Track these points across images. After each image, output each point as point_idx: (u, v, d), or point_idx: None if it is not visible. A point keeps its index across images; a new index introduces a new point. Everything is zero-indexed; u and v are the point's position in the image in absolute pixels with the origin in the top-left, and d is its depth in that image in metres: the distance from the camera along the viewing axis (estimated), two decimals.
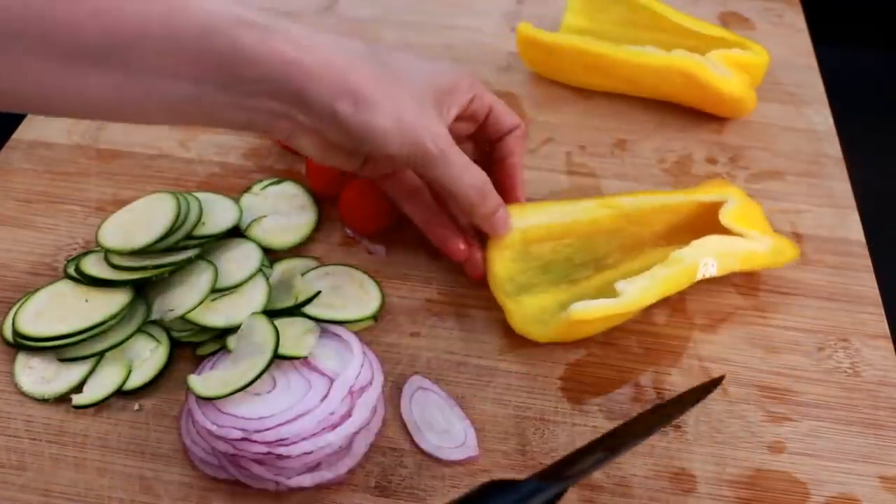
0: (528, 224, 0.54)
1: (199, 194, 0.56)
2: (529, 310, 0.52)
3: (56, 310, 0.50)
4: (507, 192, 0.54)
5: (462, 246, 0.53)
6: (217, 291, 0.51)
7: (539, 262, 0.54)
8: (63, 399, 0.48)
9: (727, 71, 0.64)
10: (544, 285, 0.53)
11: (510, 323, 0.51)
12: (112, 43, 0.39)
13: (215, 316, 0.50)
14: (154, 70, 0.41)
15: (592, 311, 0.48)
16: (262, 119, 0.45)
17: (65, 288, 0.51)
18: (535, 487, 0.36)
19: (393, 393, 0.49)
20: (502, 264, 0.53)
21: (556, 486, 0.37)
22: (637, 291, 0.49)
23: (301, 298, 0.51)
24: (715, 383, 0.48)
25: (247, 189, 0.59)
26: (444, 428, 0.47)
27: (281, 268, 0.55)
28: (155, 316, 0.50)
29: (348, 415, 0.45)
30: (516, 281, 0.53)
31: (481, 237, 0.54)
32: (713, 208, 0.54)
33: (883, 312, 0.54)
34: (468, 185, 0.49)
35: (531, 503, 0.36)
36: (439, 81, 0.49)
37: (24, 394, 0.48)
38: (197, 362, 0.49)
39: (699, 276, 0.51)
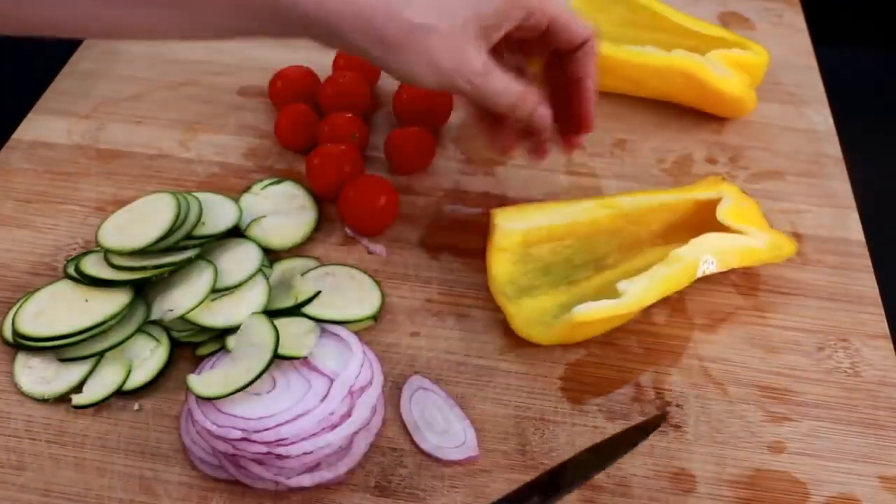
0: (528, 226, 0.54)
1: (198, 194, 0.56)
2: (530, 312, 0.52)
3: (56, 310, 0.50)
4: (577, 119, 0.53)
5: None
6: (217, 291, 0.51)
7: (539, 263, 0.54)
8: (63, 399, 0.48)
9: (727, 71, 0.64)
10: (544, 287, 0.53)
11: (512, 326, 0.51)
12: None
13: (215, 316, 0.50)
14: (209, 10, 0.44)
15: (595, 313, 0.48)
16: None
17: (65, 288, 0.51)
18: None
19: (393, 393, 0.49)
20: (502, 267, 0.53)
21: None
22: (639, 291, 0.49)
23: (301, 298, 0.51)
24: (656, 422, 0.48)
25: (247, 189, 0.59)
26: (444, 428, 0.47)
27: (281, 268, 0.55)
28: (155, 316, 0.50)
29: (348, 415, 0.45)
30: (517, 283, 0.53)
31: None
32: (710, 206, 0.54)
33: (883, 312, 0.54)
34: (504, 105, 0.49)
35: None
36: (485, 6, 0.47)
37: (23, 394, 0.48)
38: (197, 362, 0.49)
39: (699, 274, 0.51)
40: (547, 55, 0.54)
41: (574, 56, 0.52)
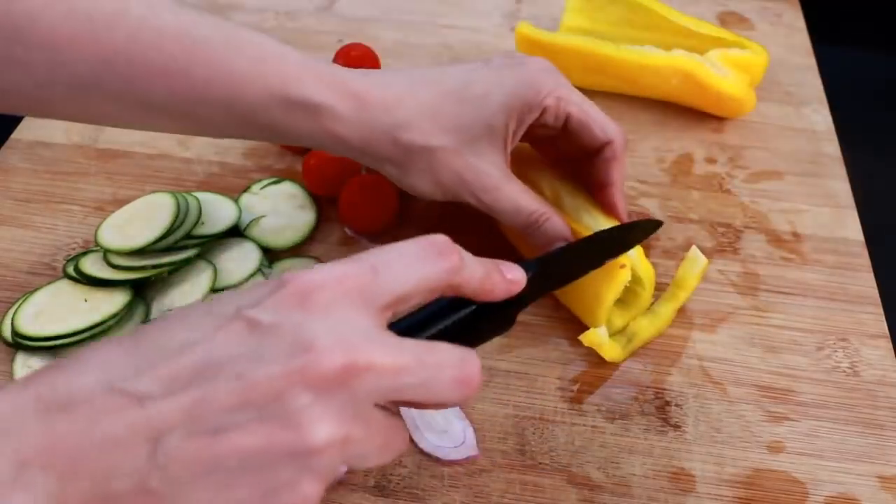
0: None
1: (198, 194, 0.56)
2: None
3: (55, 310, 0.50)
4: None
5: None
6: (216, 291, 0.51)
7: None
8: None
9: (726, 70, 0.64)
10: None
11: (606, 355, 0.50)
12: (179, 100, 0.44)
13: None
14: (213, 121, 0.46)
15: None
16: None
17: (64, 288, 0.51)
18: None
19: None
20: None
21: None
22: (668, 311, 0.52)
23: None
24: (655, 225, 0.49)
25: (246, 189, 0.59)
26: (443, 428, 0.47)
27: (280, 267, 0.55)
28: (154, 316, 0.50)
29: None
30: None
31: None
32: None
33: (882, 312, 0.54)
34: (513, 223, 0.49)
35: None
36: (502, 115, 0.47)
37: None
38: None
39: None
40: (568, 153, 0.52)
41: (595, 159, 0.50)
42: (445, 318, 0.35)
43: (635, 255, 0.49)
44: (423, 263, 0.33)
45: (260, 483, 0.28)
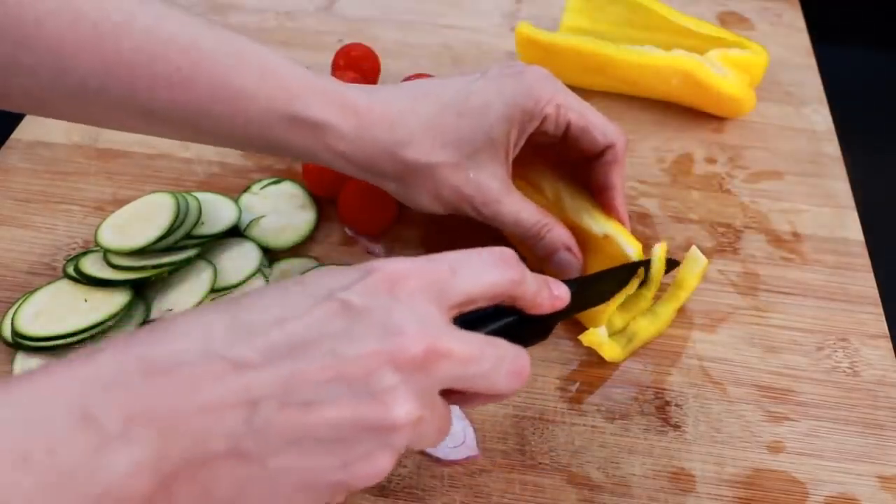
0: None
1: (198, 194, 0.56)
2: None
3: (55, 310, 0.50)
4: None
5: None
6: (216, 291, 0.51)
7: None
8: None
9: (726, 70, 0.64)
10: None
11: (606, 355, 0.50)
12: (181, 111, 0.44)
13: None
14: (215, 132, 0.46)
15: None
16: None
17: (64, 288, 0.51)
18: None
19: None
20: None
21: None
22: (668, 311, 0.52)
23: None
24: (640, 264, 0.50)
25: (246, 189, 0.59)
26: None
27: (280, 268, 0.55)
28: (154, 316, 0.50)
29: None
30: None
31: None
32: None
33: (882, 312, 0.54)
34: (515, 234, 0.50)
35: None
36: (502, 125, 0.47)
37: None
38: None
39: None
40: (569, 158, 0.52)
41: (595, 163, 0.50)
42: (494, 322, 0.38)
43: (657, 264, 0.50)
44: (493, 271, 0.35)
45: (342, 453, 0.31)
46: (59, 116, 0.47)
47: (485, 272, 0.35)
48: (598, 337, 0.49)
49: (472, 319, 0.37)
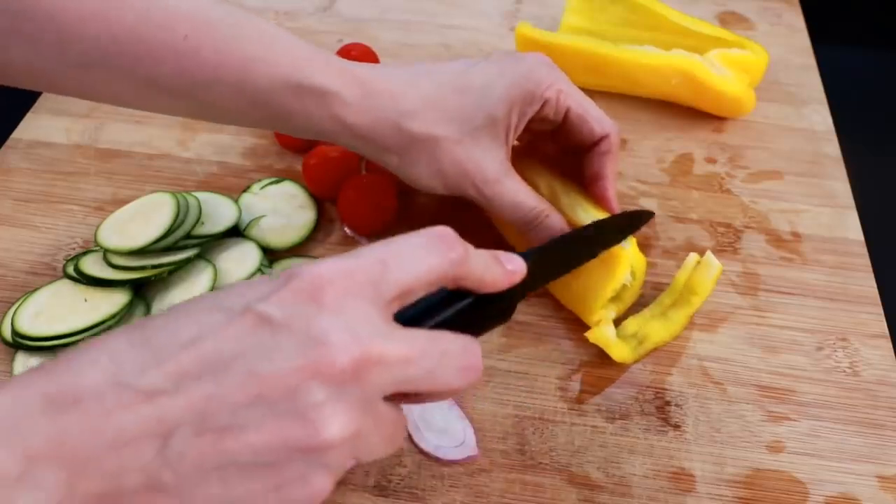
0: None
1: (198, 194, 0.56)
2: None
3: (55, 310, 0.50)
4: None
5: None
6: None
7: None
8: None
9: (726, 71, 0.64)
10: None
11: (614, 355, 0.50)
12: (187, 81, 0.44)
13: None
14: (219, 104, 0.46)
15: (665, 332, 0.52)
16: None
17: (64, 288, 0.51)
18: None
19: None
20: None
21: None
22: (682, 317, 0.52)
23: None
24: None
25: (246, 189, 0.59)
26: (443, 427, 0.47)
27: (280, 268, 0.55)
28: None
29: None
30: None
31: None
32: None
33: (882, 312, 0.54)
34: (512, 219, 0.49)
35: None
36: (504, 105, 0.47)
37: None
38: None
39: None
40: (564, 147, 0.53)
41: (590, 153, 0.51)
42: (446, 309, 0.35)
43: (629, 245, 0.50)
44: (430, 255, 0.33)
45: (272, 478, 0.29)
46: (60, 90, 0.46)
47: (419, 258, 0.32)
48: (605, 335, 0.49)
49: (422, 310, 0.35)
